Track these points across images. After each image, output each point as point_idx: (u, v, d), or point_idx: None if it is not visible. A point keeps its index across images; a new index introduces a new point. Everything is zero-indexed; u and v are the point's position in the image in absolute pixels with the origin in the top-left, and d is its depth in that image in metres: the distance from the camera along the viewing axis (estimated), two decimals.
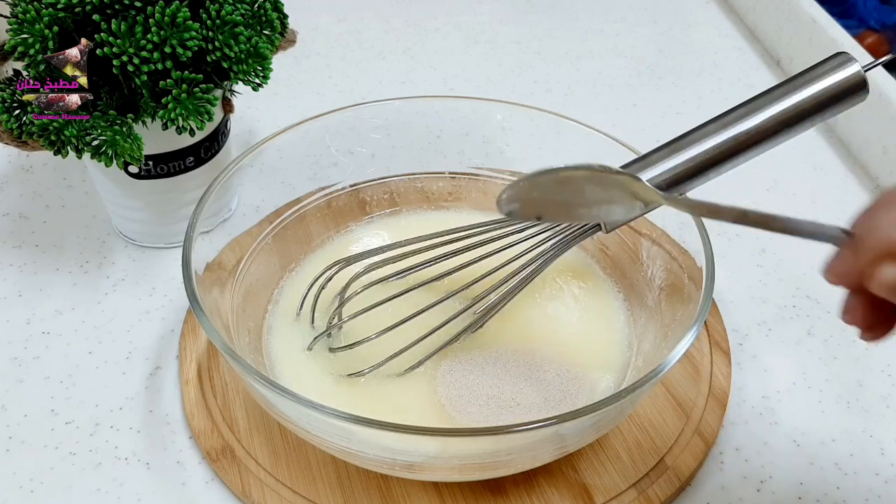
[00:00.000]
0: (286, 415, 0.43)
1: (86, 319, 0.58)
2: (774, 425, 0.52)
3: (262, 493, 0.47)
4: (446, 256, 0.51)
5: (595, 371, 0.51)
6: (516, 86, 0.83)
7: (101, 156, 0.51)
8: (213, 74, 0.54)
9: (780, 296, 0.61)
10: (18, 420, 0.52)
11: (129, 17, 0.50)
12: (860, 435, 0.52)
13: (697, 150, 0.47)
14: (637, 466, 0.49)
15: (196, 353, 0.55)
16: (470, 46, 0.89)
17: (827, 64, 0.46)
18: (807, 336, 0.58)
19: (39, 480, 0.49)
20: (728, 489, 0.49)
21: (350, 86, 0.83)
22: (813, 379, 0.55)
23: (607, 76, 0.85)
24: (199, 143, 0.59)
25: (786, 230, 0.35)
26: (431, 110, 0.61)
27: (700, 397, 0.52)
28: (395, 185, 0.62)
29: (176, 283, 0.60)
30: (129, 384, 0.54)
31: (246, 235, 0.55)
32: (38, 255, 0.62)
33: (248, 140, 0.74)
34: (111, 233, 0.64)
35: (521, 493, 0.48)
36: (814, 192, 0.70)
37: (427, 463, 0.43)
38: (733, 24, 0.94)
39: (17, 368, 0.55)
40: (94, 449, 0.50)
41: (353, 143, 0.60)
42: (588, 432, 0.43)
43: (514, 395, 0.49)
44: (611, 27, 0.93)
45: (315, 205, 0.60)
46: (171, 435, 0.51)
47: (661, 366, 0.42)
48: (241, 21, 0.53)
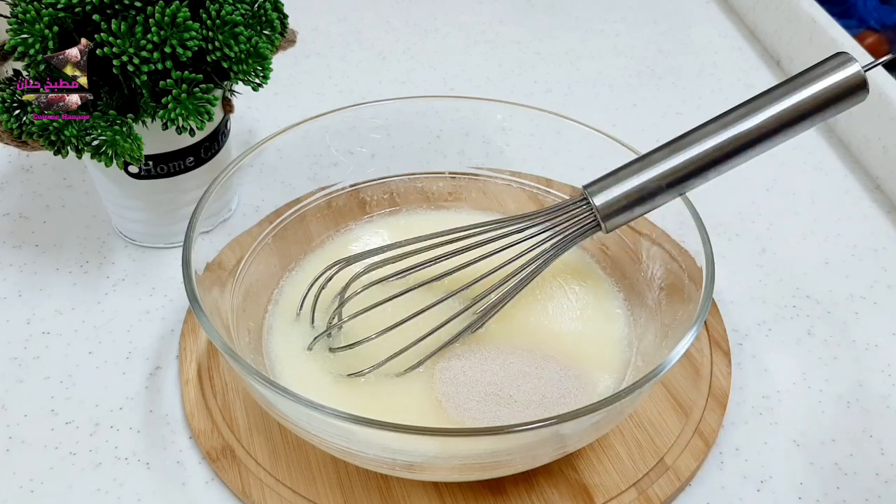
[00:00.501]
0: (286, 415, 0.43)
1: (86, 319, 0.58)
2: (774, 425, 0.52)
3: (262, 492, 0.47)
4: (446, 256, 0.51)
5: (595, 370, 0.51)
6: (516, 86, 0.83)
7: (101, 156, 0.51)
8: (213, 74, 0.54)
9: (780, 296, 0.61)
10: (18, 420, 0.52)
11: (129, 17, 0.50)
12: (860, 435, 0.52)
13: (697, 151, 0.47)
14: (637, 466, 0.49)
15: (196, 353, 0.55)
16: (470, 46, 0.89)
17: (827, 64, 0.46)
18: (807, 336, 0.58)
19: (39, 480, 0.49)
20: (728, 489, 0.49)
21: (350, 86, 0.83)
22: (813, 379, 0.55)
23: (607, 76, 0.85)
24: (199, 143, 0.59)
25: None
26: (431, 110, 0.61)
27: (700, 397, 0.52)
28: (395, 185, 0.62)
29: (176, 283, 0.60)
30: (129, 384, 0.54)
31: (246, 235, 0.55)
32: (39, 255, 0.63)
33: (248, 140, 0.74)
34: (111, 233, 0.64)
35: (521, 493, 0.48)
36: (814, 192, 0.70)
37: (427, 463, 0.43)
38: (733, 24, 0.94)
39: (17, 368, 0.55)
40: (94, 449, 0.50)
41: (353, 143, 0.60)
42: (588, 432, 0.43)
43: (512, 392, 0.48)
44: (611, 27, 0.93)
45: (315, 205, 0.60)
46: (171, 435, 0.51)
47: (661, 366, 0.41)
48: (241, 21, 0.53)
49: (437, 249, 0.51)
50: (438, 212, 0.62)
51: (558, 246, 0.50)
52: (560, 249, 0.50)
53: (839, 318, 0.59)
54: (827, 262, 0.64)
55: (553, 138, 0.58)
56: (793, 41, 0.84)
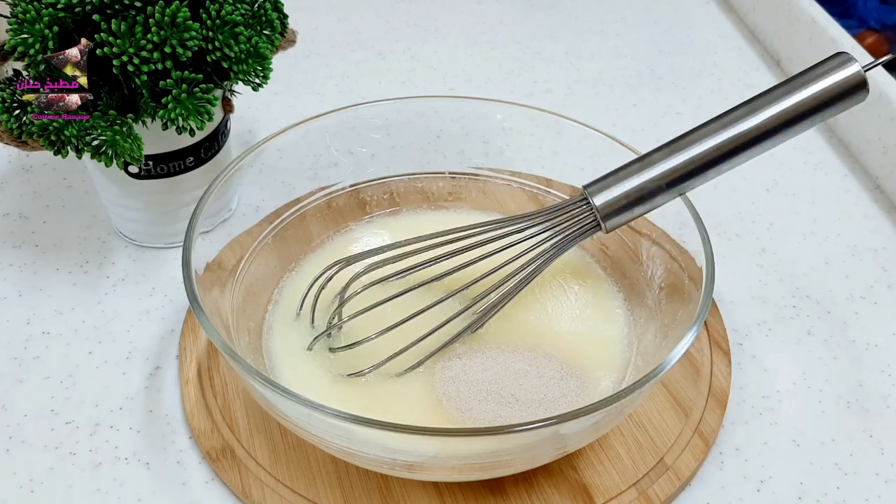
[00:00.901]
0: (286, 415, 0.43)
1: (86, 319, 0.58)
2: (774, 425, 0.52)
3: (262, 492, 0.47)
4: (446, 256, 0.51)
5: (595, 370, 0.51)
6: (516, 86, 0.83)
7: (101, 156, 0.51)
8: (213, 74, 0.54)
9: (781, 296, 0.61)
10: (18, 420, 0.52)
11: (129, 17, 0.50)
12: (860, 435, 0.52)
13: (697, 150, 0.47)
14: (637, 466, 0.49)
15: (196, 353, 0.55)
16: (470, 46, 0.89)
17: (827, 64, 0.46)
18: (807, 336, 0.58)
19: (39, 480, 0.49)
20: (728, 489, 0.49)
21: (350, 86, 0.83)
22: (813, 379, 0.55)
23: (607, 76, 0.85)
24: (199, 144, 0.59)
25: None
26: (431, 110, 0.61)
27: (700, 397, 0.52)
28: (395, 185, 0.62)
29: (176, 283, 0.60)
30: (129, 384, 0.54)
31: (246, 235, 0.55)
32: (38, 254, 0.62)
33: (248, 140, 0.74)
34: (111, 233, 0.64)
35: (521, 493, 0.48)
36: (814, 192, 0.70)
37: (427, 463, 0.43)
38: (733, 24, 0.94)
39: (17, 368, 0.55)
40: (94, 449, 0.50)
41: (353, 143, 0.60)
42: (588, 432, 0.43)
43: (513, 392, 0.48)
44: (611, 27, 0.93)
45: (315, 205, 0.60)
46: (171, 435, 0.51)
47: (661, 366, 0.42)
48: (241, 21, 0.53)
49: (437, 249, 0.51)
50: (438, 212, 0.62)
51: (558, 246, 0.50)
52: (560, 249, 0.50)
53: (839, 318, 0.59)
54: (827, 262, 0.64)
55: (553, 138, 0.58)
56: (793, 41, 0.84)
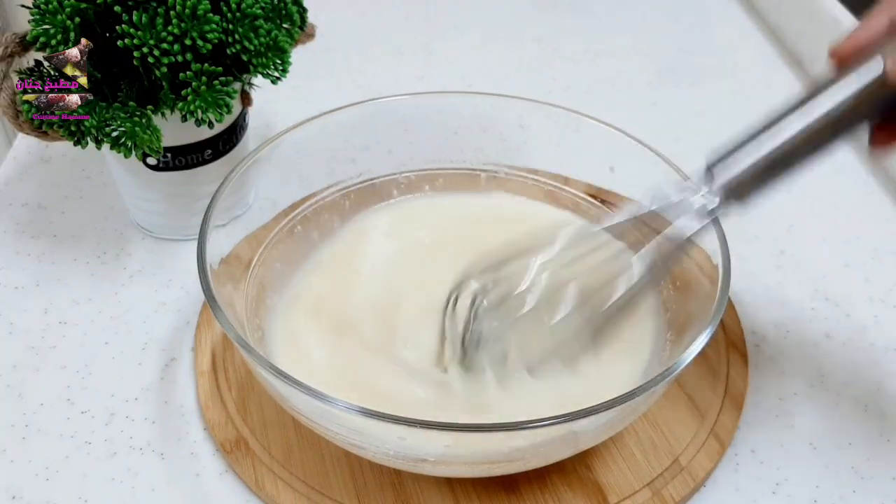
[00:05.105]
0: (299, 408, 0.43)
1: (102, 310, 0.58)
2: (791, 428, 0.52)
3: (276, 485, 0.47)
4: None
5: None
6: (535, 83, 0.83)
7: (120, 147, 0.51)
8: (232, 67, 0.54)
9: (799, 298, 0.60)
10: (35, 409, 0.52)
11: (150, 9, 0.51)
12: (877, 439, 0.52)
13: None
14: (651, 466, 0.49)
15: (211, 344, 0.55)
16: (489, 43, 0.89)
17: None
18: (825, 339, 0.58)
19: (55, 469, 0.49)
20: (743, 491, 0.49)
21: (368, 80, 0.83)
22: (831, 382, 0.55)
23: (627, 74, 0.84)
24: (217, 136, 0.59)
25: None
26: (449, 106, 0.61)
27: (716, 398, 0.52)
28: (411, 180, 0.62)
29: (192, 275, 0.61)
30: (144, 375, 0.54)
31: (262, 229, 0.55)
32: (56, 245, 0.63)
33: (265, 133, 0.74)
34: (129, 224, 0.65)
35: (534, 491, 0.47)
36: (834, 194, 0.70)
37: (439, 458, 0.43)
38: (755, 24, 0.93)
39: (34, 357, 0.55)
40: (109, 438, 0.50)
41: (369, 138, 0.60)
42: (601, 430, 0.43)
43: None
44: (631, 25, 0.92)
45: (331, 199, 0.60)
46: (185, 426, 0.51)
47: (675, 364, 0.41)
48: (261, 14, 0.53)
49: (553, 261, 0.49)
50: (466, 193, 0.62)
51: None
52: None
53: (858, 321, 0.59)
54: (847, 265, 0.63)
55: (571, 136, 0.58)
56: (815, 41, 0.83)
